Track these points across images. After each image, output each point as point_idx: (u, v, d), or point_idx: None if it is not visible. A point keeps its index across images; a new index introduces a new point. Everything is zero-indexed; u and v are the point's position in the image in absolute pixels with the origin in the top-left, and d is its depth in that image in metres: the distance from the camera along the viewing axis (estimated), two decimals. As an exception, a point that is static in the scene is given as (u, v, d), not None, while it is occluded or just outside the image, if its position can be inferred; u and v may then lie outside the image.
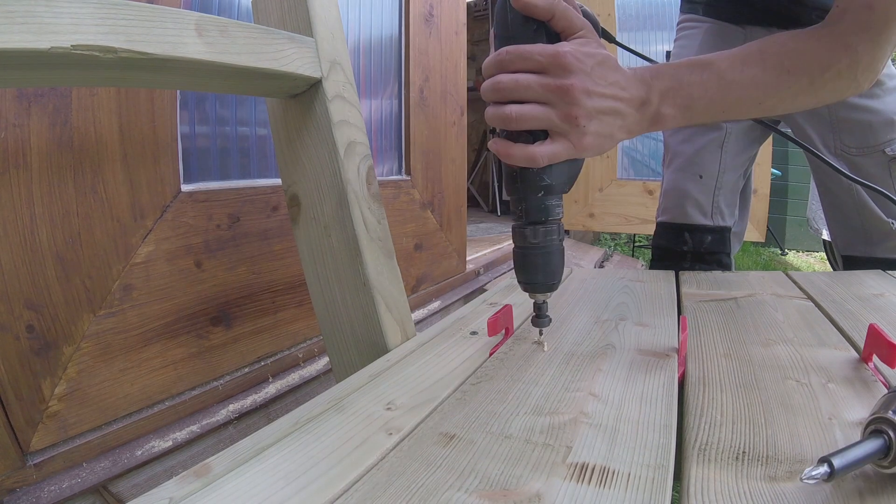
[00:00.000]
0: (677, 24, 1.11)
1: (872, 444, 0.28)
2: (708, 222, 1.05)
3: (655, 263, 1.11)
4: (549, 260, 0.50)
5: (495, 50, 0.48)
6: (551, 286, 0.52)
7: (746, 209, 1.14)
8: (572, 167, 0.49)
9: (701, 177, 1.04)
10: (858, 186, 0.92)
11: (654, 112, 0.50)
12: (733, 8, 0.99)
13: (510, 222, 0.51)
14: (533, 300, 0.54)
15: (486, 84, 0.47)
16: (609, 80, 0.46)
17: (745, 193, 1.12)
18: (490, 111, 0.47)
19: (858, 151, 0.92)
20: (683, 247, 1.05)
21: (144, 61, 0.47)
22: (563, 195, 0.50)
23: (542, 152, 0.46)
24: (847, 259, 0.99)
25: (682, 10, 1.09)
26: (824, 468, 0.27)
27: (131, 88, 0.77)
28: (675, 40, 1.11)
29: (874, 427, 0.30)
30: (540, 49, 0.45)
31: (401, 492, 0.32)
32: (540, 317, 0.55)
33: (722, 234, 1.06)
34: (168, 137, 0.83)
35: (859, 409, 0.39)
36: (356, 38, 1.33)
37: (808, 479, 0.27)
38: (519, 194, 0.49)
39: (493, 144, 0.48)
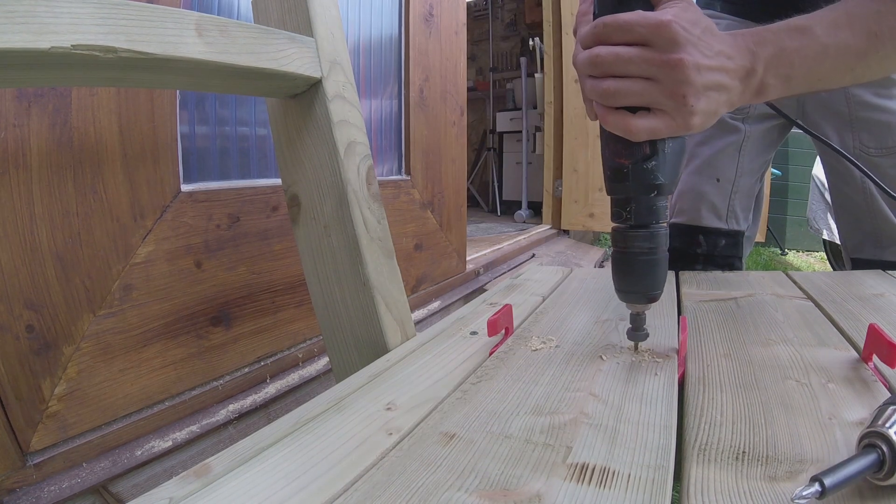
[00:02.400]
0: None
1: (865, 461, 0.28)
2: (723, 226, 1.04)
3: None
4: (655, 267, 0.46)
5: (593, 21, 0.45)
6: (653, 297, 0.48)
7: (759, 213, 1.14)
8: (679, 164, 0.46)
9: (718, 180, 1.03)
10: (872, 190, 0.92)
11: (758, 83, 0.46)
12: (757, 4, 0.96)
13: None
14: (630, 311, 0.50)
15: (583, 56, 0.43)
16: (715, 49, 0.42)
17: (758, 197, 1.12)
18: (588, 86, 0.43)
19: (877, 152, 0.91)
20: (697, 249, 1.05)
21: (144, 61, 0.47)
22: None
23: (640, 126, 0.42)
24: (856, 262, 0.98)
25: (699, 4, 1.08)
26: (815, 487, 0.27)
27: (131, 88, 0.77)
28: None
29: (867, 441, 0.30)
30: (640, 18, 0.40)
31: (401, 491, 0.32)
32: (637, 329, 0.50)
33: (736, 238, 1.05)
34: (168, 137, 0.83)
35: (859, 409, 0.39)
36: (356, 38, 1.33)
37: (799, 499, 0.27)
38: (627, 193, 0.45)
39: (595, 109, 0.44)
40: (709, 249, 1.04)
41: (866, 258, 0.96)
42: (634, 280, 0.47)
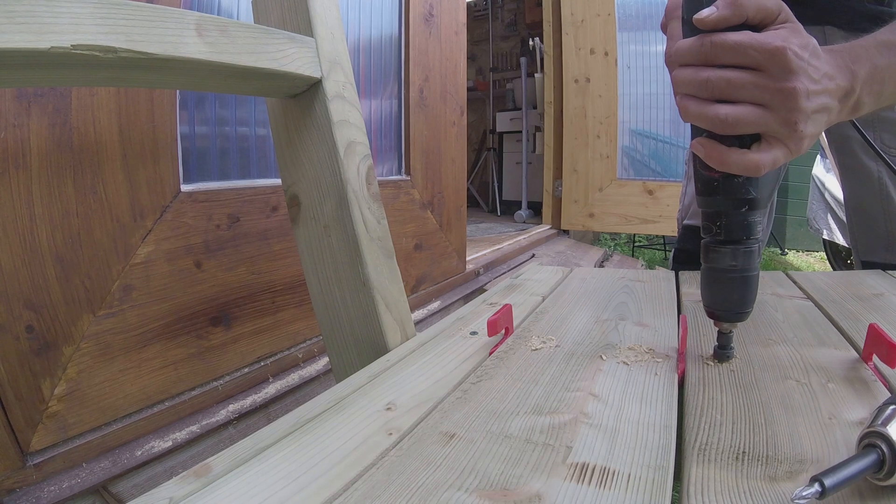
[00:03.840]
0: None
1: (865, 461, 0.28)
2: None
3: (678, 266, 1.09)
4: (746, 285, 0.45)
5: (683, 34, 0.43)
6: (743, 315, 0.46)
7: (772, 217, 1.13)
8: (776, 178, 0.44)
9: None
10: (890, 194, 0.92)
11: (855, 102, 0.45)
12: (812, 12, 0.91)
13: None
14: (717, 329, 0.49)
15: (686, 76, 0.41)
16: (822, 72, 0.41)
17: (771, 203, 1.11)
18: (694, 109, 0.41)
19: None
20: None
21: (144, 61, 0.47)
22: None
23: (765, 160, 0.40)
24: (867, 264, 0.98)
25: None
26: (815, 488, 0.27)
27: (131, 88, 0.77)
28: None
29: (867, 441, 0.30)
30: (753, 42, 0.39)
31: (401, 491, 0.32)
32: (724, 348, 0.50)
33: None
34: (168, 138, 0.83)
35: (859, 409, 0.39)
36: (356, 38, 1.33)
37: (798, 499, 0.27)
38: (718, 208, 0.44)
39: (701, 147, 0.42)
40: None
41: (877, 261, 0.96)
42: (723, 298, 0.46)
